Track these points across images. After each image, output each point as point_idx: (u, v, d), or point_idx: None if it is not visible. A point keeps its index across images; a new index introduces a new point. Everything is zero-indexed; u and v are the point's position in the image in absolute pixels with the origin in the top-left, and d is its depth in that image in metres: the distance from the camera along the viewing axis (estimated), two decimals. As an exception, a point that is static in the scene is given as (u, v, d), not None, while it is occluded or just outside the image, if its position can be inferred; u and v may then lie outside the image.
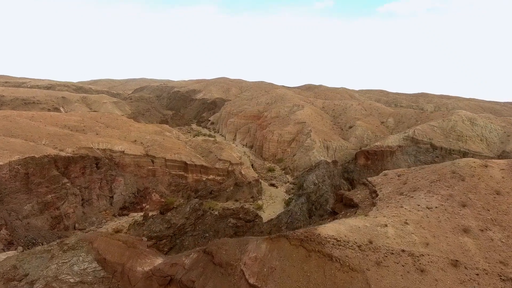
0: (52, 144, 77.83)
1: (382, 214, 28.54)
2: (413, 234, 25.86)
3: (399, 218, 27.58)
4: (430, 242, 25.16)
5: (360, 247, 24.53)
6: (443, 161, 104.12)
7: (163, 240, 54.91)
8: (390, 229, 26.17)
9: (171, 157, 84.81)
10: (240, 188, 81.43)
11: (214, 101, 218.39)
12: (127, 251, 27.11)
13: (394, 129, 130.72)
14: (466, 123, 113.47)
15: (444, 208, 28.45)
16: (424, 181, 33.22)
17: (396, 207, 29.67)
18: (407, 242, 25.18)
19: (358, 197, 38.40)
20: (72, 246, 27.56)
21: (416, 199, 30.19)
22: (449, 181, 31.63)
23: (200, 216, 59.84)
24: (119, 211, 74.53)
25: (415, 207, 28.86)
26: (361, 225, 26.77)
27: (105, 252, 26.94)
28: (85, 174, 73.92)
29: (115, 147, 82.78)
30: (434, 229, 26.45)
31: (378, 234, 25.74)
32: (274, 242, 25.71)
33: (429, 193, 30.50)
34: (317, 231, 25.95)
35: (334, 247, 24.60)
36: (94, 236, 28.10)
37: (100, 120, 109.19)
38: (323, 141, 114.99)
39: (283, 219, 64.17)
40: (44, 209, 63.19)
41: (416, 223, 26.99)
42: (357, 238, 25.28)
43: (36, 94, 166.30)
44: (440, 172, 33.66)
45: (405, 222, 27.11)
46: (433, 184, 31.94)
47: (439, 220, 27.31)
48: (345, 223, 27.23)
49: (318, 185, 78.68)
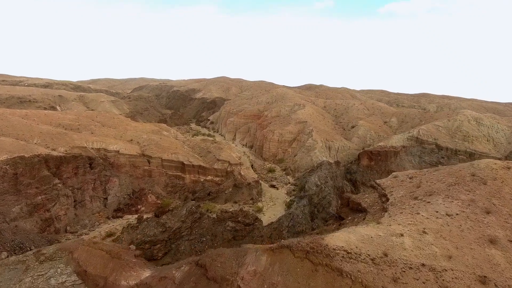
0: (44, 143, 74.90)
1: (397, 222, 25.52)
2: (433, 245, 22.85)
3: (416, 227, 24.56)
4: (453, 255, 22.15)
5: (374, 260, 21.53)
6: (449, 162, 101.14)
7: (157, 245, 51.95)
8: (407, 239, 23.16)
9: (168, 157, 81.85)
10: (240, 190, 78.46)
11: (213, 100, 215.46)
12: (110, 262, 24.18)
13: (397, 129, 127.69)
14: (472, 123, 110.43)
15: (466, 215, 25.45)
16: (441, 184, 30.19)
17: (411, 213, 26.64)
18: (427, 254, 22.18)
19: (366, 201, 35.42)
20: (50, 257, 24.63)
21: (433, 204, 27.17)
22: (469, 185, 28.62)
23: (197, 219, 56.85)
24: (113, 213, 71.55)
25: (433, 214, 25.84)
26: (374, 234, 23.75)
27: (86, 264, 24.02)
28: (78, 175, 70.93)
29: (109, 147, 79.82)
30: (456, 239, 23.43)
31: (394, 245, 22.74)
32: (275, 254, 22.71)
33: (448, 198, 27.47)
34: (324, 241, 22.94)
35: (344, 260, 21.60)
36: (74, 245, 25.14)
37: (96, 119, 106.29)
38: (325, 141, 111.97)
39: (284, 222, 61.18)
40: (33, 211, 60.20)
41: (436, 232, 23.97)
42: (370, 249, 22.27)
43: (32, 93, 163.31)
44: (457, 174, 30.63)
45: (423, 231, 24.10)
46: (451, 187, 28.92)
47: (462, 229, 24.30)
48: (356, 232, 24.21)
49: (320, 187, 75.66)
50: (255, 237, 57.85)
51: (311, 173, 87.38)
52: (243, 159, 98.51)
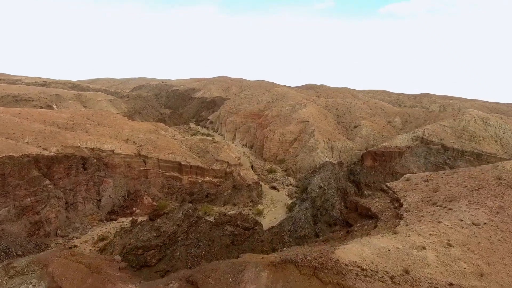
0: (35, 142, 71.87)
1: (416, 232, 22.43)
2: (461, 260, 19.75)
3: (439, 238, 21.47)
4: (484, 272, 19.06)
5: (393, 279, 18.46)
6: (455, 163, 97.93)
7: (151, 251, 48.85)
8: (430, 254, 20.07)
9: (165, 157, 78.81)
10: (239, 191, 75.39)
11: (213, 99, 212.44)
12: (90, 277, 21.20)
13: (401, 129, 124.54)
14: (478, 123, 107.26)
15: (496, 225, 22.35)
16: (462, 189, 27.07)
17: (431, 222, 23.53)
18: (454, 271, 19.09)
19: (376, 207, 32.31)
20: (21, 270, 21.63)
21: (456, 212, 24.06)
22: (495, 189, 25.53)
23: (193, 223, 53.76)
24: (107, 216, 68.55)
25: (457, 223, 22.74)
26: (392, 247, 20.66)
27: (61, 279, 21.02)
28: (70, 175, 67.92)
29: (104, 146, 76.80)
30: (487, 253, 20.33)
31: (415, 260, 19.64)
32: (278, 270, 19.66)
33: (473, 205, 24.37)
34: (334, 255, 19.86)
35: (358, 278, 18.54)
36: (50, 256, 22.10)
37: (92, 117, 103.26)
38: (327, 141, 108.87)
39: (285, 226, 58.10)
40: (21, 214, 57.21)
41: (463, 244, 20.88)
42: (388, 266, 19.18)
43: (28, 91, 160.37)
44: (480, 178, 27.51)
45: (447, 243, 21.01)
46: (475, 192, 25.82)
47: (492, 241, 21.20)
48: (370, 244, 21.11)
49: (323, 189, 72.55)
50: (255, 242, 54.81)
51: (313, 174, 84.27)
52: (243, 159, 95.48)
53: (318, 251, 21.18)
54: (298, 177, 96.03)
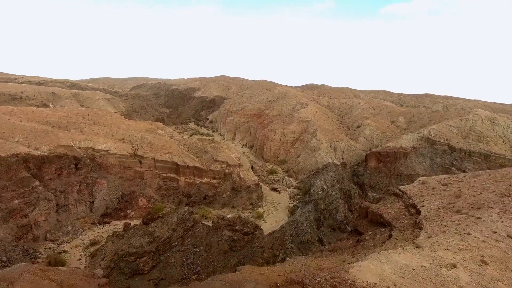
0: (26, 141, 68.86)
1: (443, 246, 19.28)
2: (500, 282, 16.61)
3: (471, 254, 18.32)
4: (529, 297, 15.90)
5: (422, 305, 15.31)
6: (462, 164, 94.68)
7: (144, 257, 45.78)
8: (462, 273, 16.92)
9: (161, 158, 75.73)
10: (238, 193, 72.31)
11: (213, 99, 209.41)
12: (62, 298, 18.21)
13: (405, 129, 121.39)
14: (486, 123, 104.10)
15: (535, 238, 19.17)
16: (489, 194, 23.92)
17: (459, 233, 20.40)
18: (493, 296, 15.94)
19: (390, 213, 29.18)
20: (-17, 289, 18.62)
21: (486, 221, 20.92)
22: (529, 196, 22.34)
23: (189, 227, 50.66)
24: (100, 219, 65.44)
25: (490, 236, 19.60)
26: (416, 265, 17.51)
27: (29, 300, 17.99)
28: (61, 176, 64.86)
29: (98, 146, 73.76)
30: (529, 273, 17.15)
31: (446, 281, 16.50)
32: (282, 293, 16.52)
33: (505, 213, 21.25)
34: (349, 275, 16.72)
35: (379, 304, 15.40)
36: (17, 273, 19.04)
37: (88, 116, 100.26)
38: (330, 141, 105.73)
39: (287, 231, 55.01)
40: (8, 217, 54.11)
41: (500, 262, 17.71)
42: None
43: (25, 90, 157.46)
44: (510, 182, 24.32)
45: (481, 260, 17.85)
46: (506, 199, 22.69)
47: (533, 258, 18.00)
48: (390, 261, 17.96)
49: (326, 191, 69.38)
50: (254, 248, 51.76)
51: (316, 176, 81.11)
52: (243, 160, 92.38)
53: (328, 269, 18.03)
54: (300, 178, 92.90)
